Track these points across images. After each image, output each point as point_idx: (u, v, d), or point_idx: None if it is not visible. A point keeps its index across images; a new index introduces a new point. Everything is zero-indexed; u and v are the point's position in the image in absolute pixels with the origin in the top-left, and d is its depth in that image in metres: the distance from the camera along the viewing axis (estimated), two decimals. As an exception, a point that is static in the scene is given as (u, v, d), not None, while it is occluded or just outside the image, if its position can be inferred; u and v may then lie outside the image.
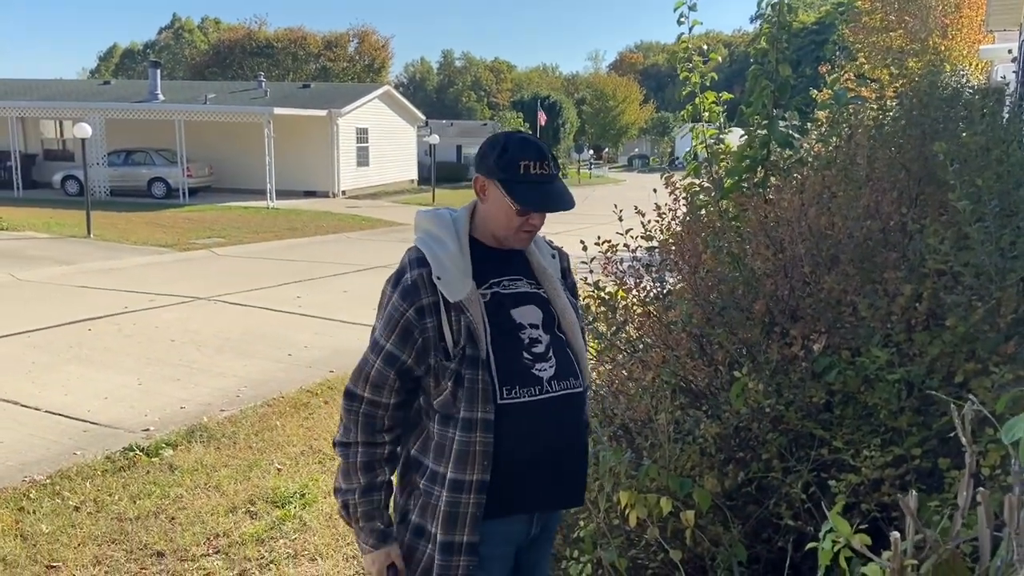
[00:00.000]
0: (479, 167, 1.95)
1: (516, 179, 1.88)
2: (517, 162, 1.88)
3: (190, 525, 4.22)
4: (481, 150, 1.97)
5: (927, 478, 2.64)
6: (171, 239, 16.14)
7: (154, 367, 7.22)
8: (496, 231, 1.97)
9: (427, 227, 1.98)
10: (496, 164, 1.90)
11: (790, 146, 3.81)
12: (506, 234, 1.97)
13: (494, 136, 1.99)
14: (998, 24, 8.90)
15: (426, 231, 1.97)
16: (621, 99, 68.27)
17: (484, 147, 1.97)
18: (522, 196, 1.89)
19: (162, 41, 79.06)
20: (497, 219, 1.94)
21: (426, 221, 1.99)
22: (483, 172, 1.94)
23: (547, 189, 1.91)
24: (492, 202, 1.93)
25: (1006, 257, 2.60)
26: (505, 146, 1.91)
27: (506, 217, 1.93)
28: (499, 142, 1.94)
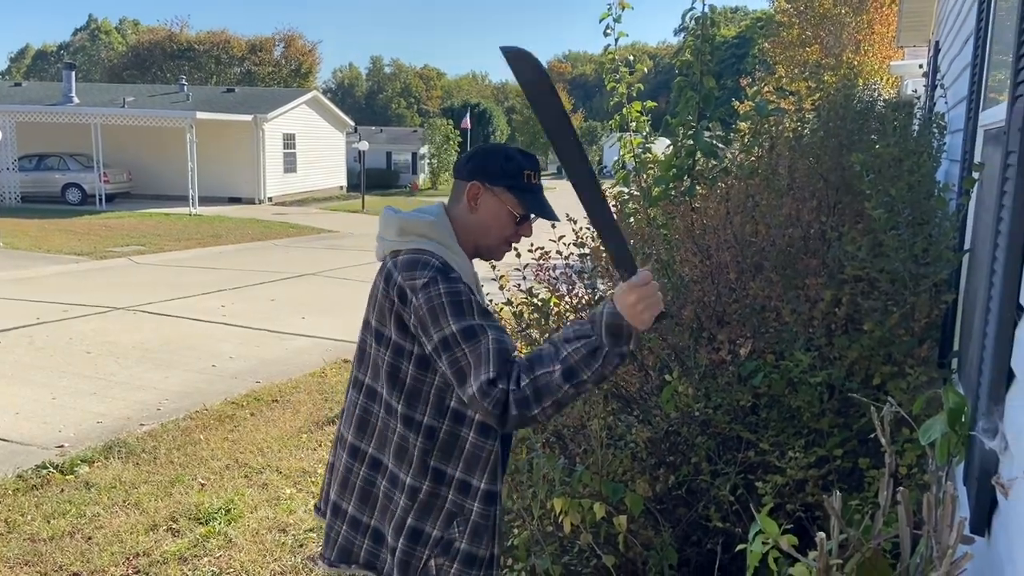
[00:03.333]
0: (474, 174, 1.87)
1: (521, 186, 1.86)
2: (522, 170, 1.86)
3: (108, 545, 4.05)
4: (475, 157, 1.91)
5: (848, 478, 2.73)
6: (87, 247, 15.51)
7: (69, 380, 6.92)
8: (482, 241, 1.90)
9: (433, 235, 1.84)
10: (501, 170, 1.85)
11: (715, 156, 3.91)
12: (492, 244, 1.91)
13: (489, 145, 1.96)
14: (908, 40, 9.33)
15: (430, 238, 1.83)
16: (550, 108, 68.73)
17: (480, 153, 1.91)
18: (529, 203, 1.87)
19: (77, 42, 76.24)
20: (488, 228, 1.88)
21: (429, 228, 1.84)
22: (481, 178, 1.86)
23: (544, 198, 1.92)
24: (486, 210, 1.87)
25: (919, 263, 2.72)
26: (508, 154, 1.88)
27: (500, 226, 1.88)
28: (499, 150, 1.90)
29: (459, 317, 1.71)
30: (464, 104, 54.07)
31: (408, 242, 1.83)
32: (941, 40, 5.51)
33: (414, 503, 1.83)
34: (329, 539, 1.98)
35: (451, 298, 1.72)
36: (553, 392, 1.65)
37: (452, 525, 1.84)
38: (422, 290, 1.73)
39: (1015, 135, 1.71)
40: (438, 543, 1.84)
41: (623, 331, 1.64)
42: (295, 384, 6.93)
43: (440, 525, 1.84)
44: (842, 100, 3.97)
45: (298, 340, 8.63)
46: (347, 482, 1.94)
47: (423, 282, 1.73)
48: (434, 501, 1.83)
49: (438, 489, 1.83)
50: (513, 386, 1.66)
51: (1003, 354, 1.72)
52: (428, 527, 1.83)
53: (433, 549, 1.84)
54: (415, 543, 1.84)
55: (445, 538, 1.84)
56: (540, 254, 3.56)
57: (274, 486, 4.78)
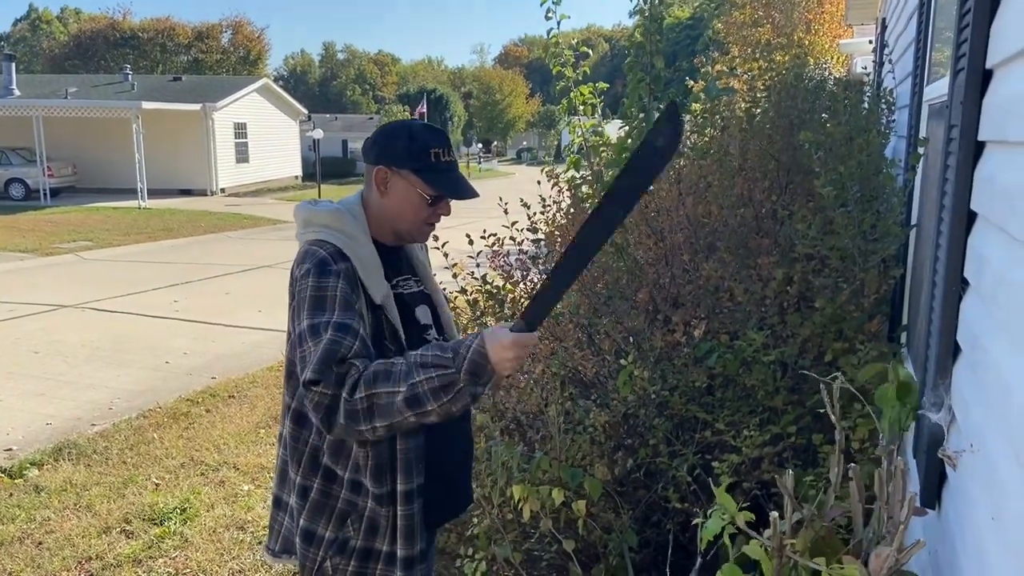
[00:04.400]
0: (380, 158, 1.79)
1: (428, 167, 1.77)
2: (428, 150, 1.77)
3: (59, 549, 3.94)
4: (379, 140, 1.81)
5: (803, 454, 2.76)
6: (32, 243, 15.06)
7: (15, 381, 6.71)
8: (399, 226, 1.83)
9: (332, 224, 1.77)
10: (406, 152, 1.76)
11: (667, 137, 3.90)
12: (410, 228, 1.83)
13: (391, 125, 1.84)
14: (856, 19, 9.44)
15: (332, 228, 1.76)
16: (507, 93, 68.78)
17: (382, 137, 1.82)
18: (439, 184, 1.78)
19: (17, 33, 73.82)
20: (402, 212, 1.80)
21: (328, 217, 1.78)
22: (387, 162, 1.78)
23: (457, 176, 1.83)
24: (396, 194, 1.79)
25: (868, 239, 2.74)
26: (412, 134, 1.78)
27: (414, 209, 1.80)
28: (402, 130, 1.80)
29: (314, 313, 1.65)
30: (420, 90, 53.56)
31: (309, 233, 1.78)
32: (888, 17, 5.58)
33: (305, 502, 1.79)
34: (273, 530, 1.96)
35: (315, 292, 1.67)
36: (390, 415, 1.58)
37: (346, 524, 1.79)
38: (299, 282, 1.70)
39: (957, 108, 1.72)
40: (332, 544, 1.79)
41: (485, 373, 1.59)
42: (252, 379, 6.81)
43: (333, 525, 1.78)
44: (792, 79, 3.99)
45: (254, 334, 8.48)
46: (284, 475, 1.90)
47: (300, 274, 1.70)
48: (325, 501, 1.78)
49: (329, 488, 1.78)
50: (346, 394, 1.59)
51: (949, 328, 1.73)
52: (321, 529, 1.78)
53: (328, 550, 1.79)
54: (308, 544, 1.80)
55: (340, 538, 1.79)
56: (494, 241, 3.52)
57: (231, 483, 4.69)
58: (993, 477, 1.30)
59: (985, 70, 1.62)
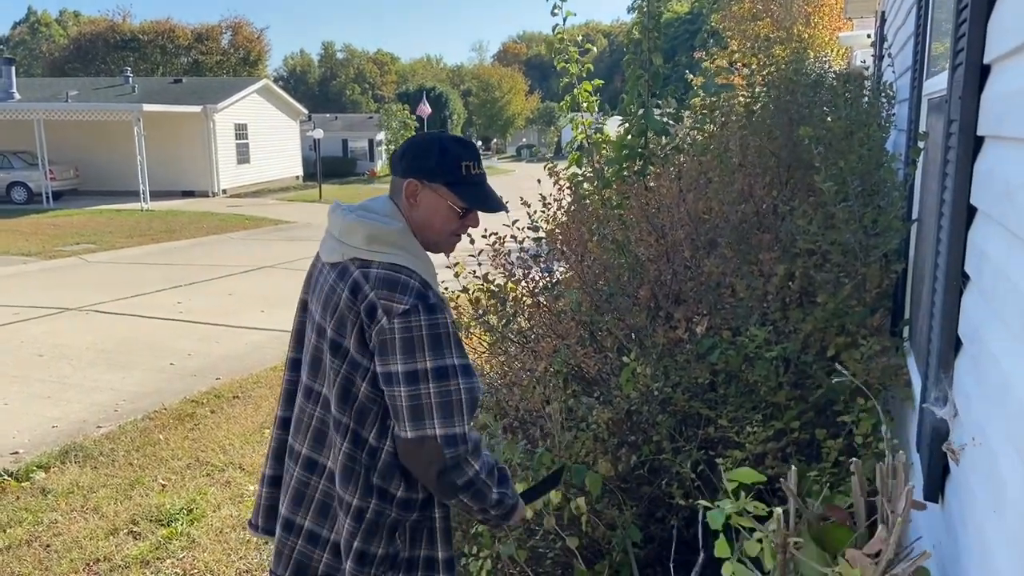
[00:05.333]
0: (410, 171, 1.80)
1: (460, 180, 1.79)
2: (459, 163, 1.79)
3: (67, 552, 3.96)
4: (409, 152, 1.83)
5: (806, 449, 2.76)
6: (35, 247, 15.09)
7: (21, 385, 6.73)
8: (428, 237, 1.83)
9: (407, 245, 1.77)
10: (438, 166, 1.79)
11: (666, 133, 3.91)
12: (438, 239, 1.85)
13: (421, 138, 1.87)
14: (856, 11, 9.41)
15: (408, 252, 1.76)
16: (507, 90, 68.70)
17: (412, 149, 1.83)
18: (470, 197, 1.81)
19: (16, 36, 73.85)
20: (431, 224, 1.82)
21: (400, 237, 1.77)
22: (419, 175, 1.79)
23: (486, 189, 1.86)
24: (427, 206, 1.80)
25: (869, 234, 2.74)
26: (444, 147, 1.81)
27: (443, 221, 1.82)
28: (433, 144, 1.82)
29: (436, 353, 1.66)
30: (420, 88, 53.53)
31: (379, 254, 1.73)
32: (887, 10, 5.57)
33: (360, 524, 1.77)
34: (282, 555, 1.88)
35: (430, 331, 1.65)
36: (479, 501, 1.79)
37: (395, 538, 1.81)
38: (400, 316, 1.65)
39: (956, 103, 1.72)
40: (383, 560, 1.80)
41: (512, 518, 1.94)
42: (256, 379, 6.83)
43: (384, 543, 1.79)
44: (792, 74, 3.99)
45: (258, 334, 8.50)
46: (302, 496, 1.86)
47: (404, 308, 1.65)
48: (379, 521, 1.78)
49: (383, 508, 1.78)
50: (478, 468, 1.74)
51: (950, 322, 1.74)
52: (374, 547, 1.78)
53: (379, 567, 1.80)
54: (363, 565, 1.78)
55: (390, 553, 1.80)
56: (495, 239, 3.53)
57: (237, 483, 4.71)
58: (994, 470, 1.31)
59: (983, 65, 1.62)
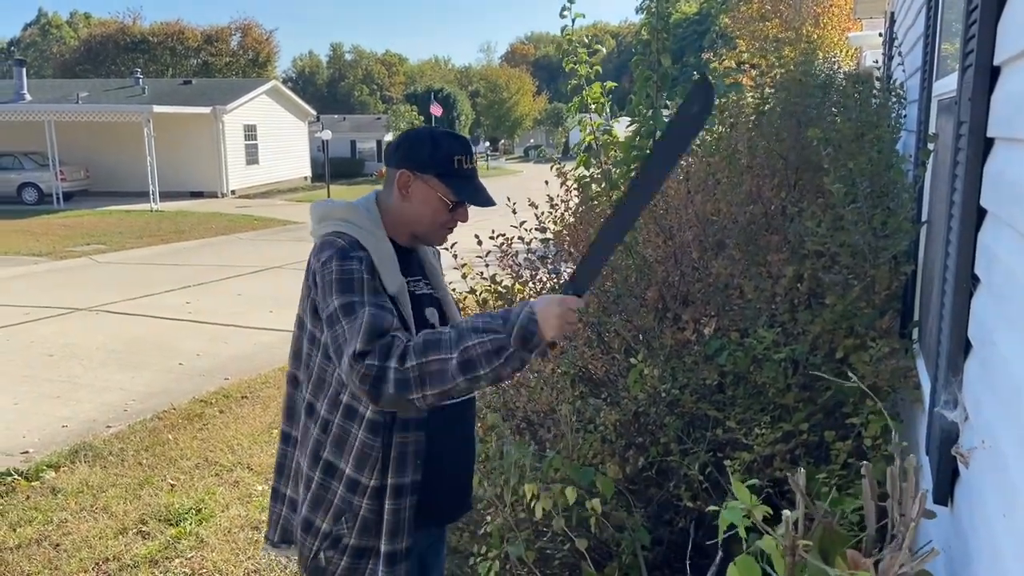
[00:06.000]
0: (403, 161, 1.85)
1: (451, 173, 1.83)
2: (451, 156, 1.83)
3: (76, 551, 3.97)
4: (403, 144, 1.88)
5: (815, 451, 2.76)
6: (46, 247, 15.17)
7: (31, 385, 6.77)
8: (417, 228, 1.89)
9: (349, 217, 1.84)
10: (430, 158, 1.83)
11: (675, 134, 3.89)
12: (428, 231, 1.90)
13: (416, 131, 1.92)
14: (865, 12, 9.37)
15: (350, 221, 1.83)
16: (515, 90, 68.73)
17: (407, 141, 1.88)
18: (460, 190, 1.84)
19: (27, 38, 74.32)
20: (421, 215, 1.86)
21: (345, 211, 1.85)
22: (410, 166, 1.84)
23: (477, 184, 1.89)
24: (418, 197, 1.85)
25: (878, 236, 2.73)
26: (436, 140, 1.85)
27: (433, 213, 1.86)
28: (426, 136, 1.87)
29: (344, 293, 1.70)
30: (428, 89, 53.60)
31: (325, 227, 1.83)
32: (896, 11, 5.55)
33: (308, 493, 1.85)
34: (271, 521, 2.02)
35: (341, 275, 1.72)
36: (444, 381, 1.61)
37: (340, 521, 1.83)
38: (321, 268, 1.74)
39: (965, 105, 1.71)
40: (327, 537, 1.84)
41: (534, 338, 1.62)
42: (264, 379, 6.85)
43: (329, 519, 1.84)
44: (801, 75, 3.98)
45: (266, 334, 8.53)
46: (282, 467, 1.99)
47: (323, 261, 1.74)
48: (323, 494, 1.83)
49: (328, 482, 1.83)
50: (395, 363, 1.61)
51: (960, 324, 1.73)
52: (318, 520, 1.84)
53: (323, 542, 1.84)
54: (307, 534, 1.86)
55: (334, 533, 1.83)
56: (502, 241, 3.53)
57: (245, 483, 4.72)
58: (1005, 474, 1.30)
59: (993, 67, 1.61)
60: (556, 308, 1.62)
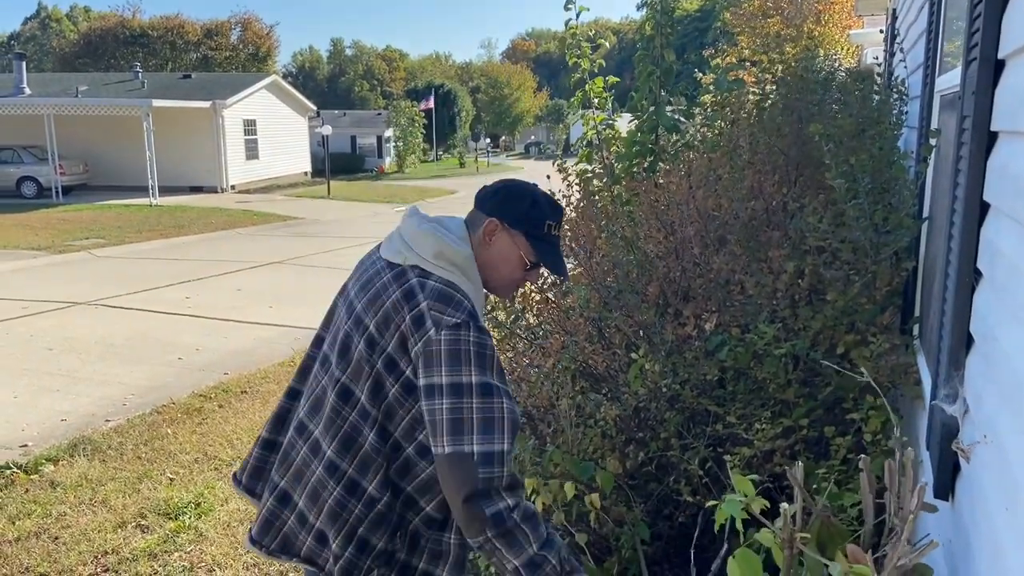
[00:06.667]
0: (497, 210, 1.86)
1: (539, 236, 1.86)
2: (544, 220, 1.87)
3: (75, 544, 3.98)
4: (502, 193, 1.90)
5: (815, 446, 2.76)
6: (45, 241, 15.15)
7: (30, 378, 6.77)
8: (490, 276, 1.89)
9: (467, 270, 1.82)
10: (526, 217, 1.86)
11: (677, 130, 3.90)
12: (498, 283, 1.92)
13: (518, 184, 1.93)
14: (866, 9, 9.35)
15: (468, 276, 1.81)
16: (515, 87, 68.70)
17: (506, 191, 1.90)
18: (542, 253, 1.87)
19: (27, 32, 74.23)
20: (497, 266, 1.88)
21: (465, 261, 1.82)
22: (504, 219, 1.85)
23: (559, 252, 1.93)
24: (500, 249, 1.86)
25: (880, 232, 2.73)
26: (535, 200, 1.88)
27: (511, 268, 1.88)
28: (528, 194, 1.89)
29: (481, 370, 1.67)
30: (428, 85, 53.55)
31: (441, 269, 1.78)
32: (898, 7, 5.54)
33: (370, 513, 1.79)
34: (272, 526, 1.90)
35: (478, 348, 1.68)
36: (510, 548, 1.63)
37: (395, 538, 1.82)
38: (450, 329, 1.67)
39: (969, 99, 1.71)
40: (382, 554, 1.81)
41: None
42: (264, 374, 6.85)
43: (386, 538, 1.81)
44: (803, 71, 3.98)
45: (266, 330, 8.52)
46: (302, 475, 1.88)
47: (454, 322, 1.68)
48: (388, 515, 1.80)
49: (394, 503, 1.81)
50: (511, 501, 1.63)
51: (962, 319, 1.73)
52: (375, 539, 1.80)
53: (376, 560, 1.81)
54: (361, 553, 1.80)
55: (388, 550, 1.82)
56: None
57: (245, 477, 4.72)
58: (1007, 468, 1.30)
59: (997, 60, 1.61)
60: None
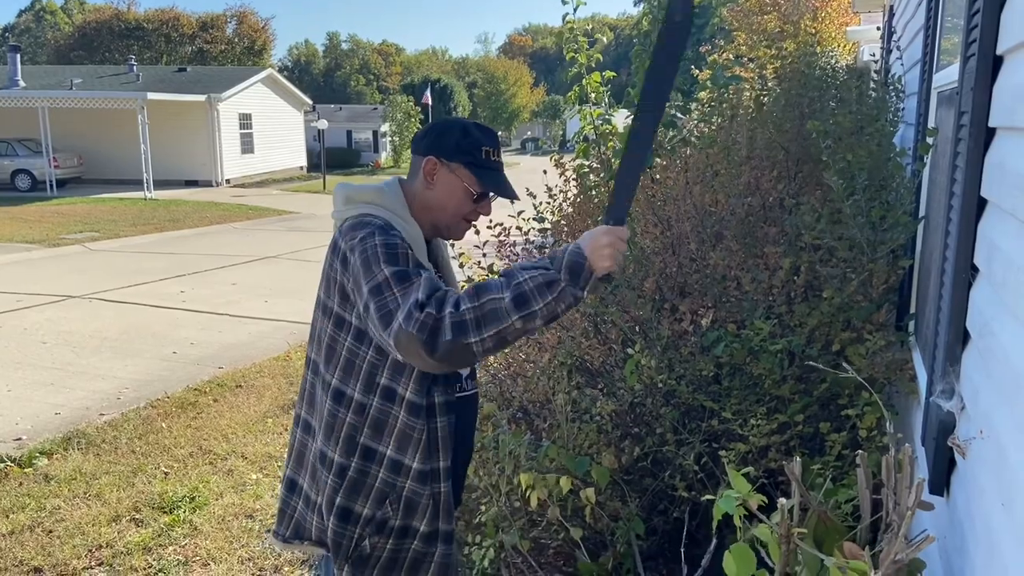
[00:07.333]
0: (431, 148, 1.82)
1: (478, 163, 1.81)
2: (480, 147, 1.81)
3: (70, 537, 3.97)
4: (432, 132, 1.86)
5: (810, 442, 2.76)
6: (39, 235, 15.10)
7: (24, 372, 6.75)
8: (439, 218, 1.85)
9: (379, 201, 1.81)
10: (458, 147, 1.80)
11: (673, 126, 3.89)
12: (449, 221, 1.87)
13: (446, 120, 1.90)
14: (863, 6, 9.36)
15: (380, 205, 1.80)
16: (512, 82, 68.64)
17: (436, 129, 1.86)
18: (486, 180, 1.82)
19: (22, 24, 73.86)
20: (444, 205, 1.83)
21: (374, 195, 1.82)
22: (438, 154, 1.81)
23: (503, 176, 1.88)
24: (442, 186, 1.82)
25: (877, 230, 2.73)
26: (466, 129, 1.83)
27: (457, 203, 1.83)
28: (457, 125, 1.85)
29: (392, 263, 1.65)
30: (424, 80, 53.46)
31: (353, 209, 1.80)
32: (895, 4, 5.54)
33: (342, 481, 1.78)
34: (285, 515, 1.93)
35: (387, 249, 1.67)
36: (500, 319, 1.54)
37: (384, 504, 1.79)
38: (359, 244, 1.68)
39: (967, 95, 1.71)
40: (370, 521, 1.79)
41: (583, 271, 1.57)
42: (259, 368, 6.83)
43: (371, 504, 1.79)
44: (803, 67, 3.97)
45: (261, 324, 8.51)
46: (302, 457, 1.90)
47: (360, 237, 1.69)
48: (363, 479, 1.78)
49: (367, 467, 1.78)
50: (451, 309, 1.55)
51: (958, 315, 1.73)
52: (358, 506, 1.79)
53: (365, 528, 1.79)
54: (345, 522, 1.79)
55: (378, 517, 1.79)
56: (500, 231, 3.52)
57: (239, 472, 4.72)
58: (1003, 463, 1.30)
59: (996, 56, 1.61)
60: (604, 238, 1.58)
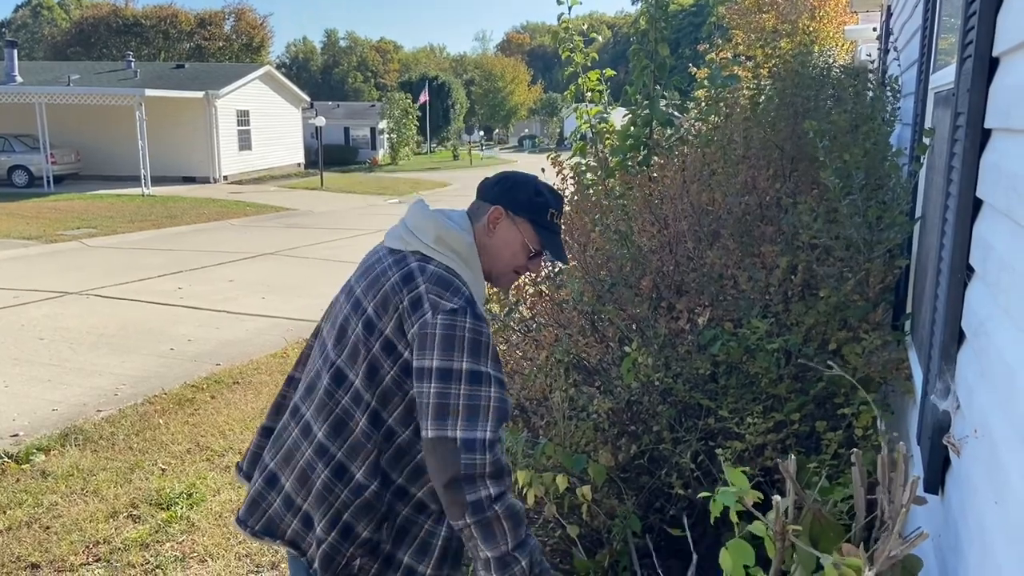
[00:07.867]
0: (500, 199, 1.89)
1: (543, 223, 1.90)
2: (547, 208, 1.90)
3: (67, 534, 3.97)
4: (505, 182, 1.93)
5: (806, 441, 2.77)
6: (36, 231, 15.08)
7: (21, 368, 6.75)
8: (492, 265, 1.91)
9: (467, 256, 1.83)
10: (529, 203, 1.88)
11: (671, 124, 3.90)
12: (501, 272, 1.93)
13: (520, 174, 1.96)
14: (861, 5, 9.37)
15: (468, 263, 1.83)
16: (510, 80, 68.60)
17: (509, 180, 1.93)
18: (545, 240, 1.90)
19: (19, 19, 73.55)
20: (501, 255, 1.90)
21: (465, 247, 1.83)
22: (508, 206, 1.88)
23: (560, 241, 1.96)
24: (503, 236, 1.89)
25: (873, 230, 2.74)
26: (538, 189, 1.91)
27: (513, 255, 1.90)
28: (530, 183, 1.93)
29: (474, 358, 1.68)
30: (422, 77, 53.40)
31: (441, 255, 1.80)
32: (893, 4, 5.55)
33: (356, 500, 1.79)
34: (258, 507, 1.91)
35: (472, 335, 1.69)
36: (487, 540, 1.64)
37: (381, 528, 1.81)
38: (446, 314, 1.69)
39: (963, 96, 1.72)
40: (366, 543, 1.80)
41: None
42: (256, 365, 6.84)
43: (372, 527, 1.80)
44: (798, 66, 3.98)
45: (258, 321, 8.51)
46: (291, 457, 1.88)
47: (451, 307, 1.70)
48: (375, 504, 1.80)
49: (383, 492, 1.80)
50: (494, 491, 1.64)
51: (954, 315, 1.74)
52: (360, 527, 1.80)
53: (359, 548, 1.80)
54: (344, 539, 1.80)
55: (373, 539, 1.81)
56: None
57: (237, 468, 4.72)
58: (996, 462, 1.31)
59: (992, 58, 1.62)
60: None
